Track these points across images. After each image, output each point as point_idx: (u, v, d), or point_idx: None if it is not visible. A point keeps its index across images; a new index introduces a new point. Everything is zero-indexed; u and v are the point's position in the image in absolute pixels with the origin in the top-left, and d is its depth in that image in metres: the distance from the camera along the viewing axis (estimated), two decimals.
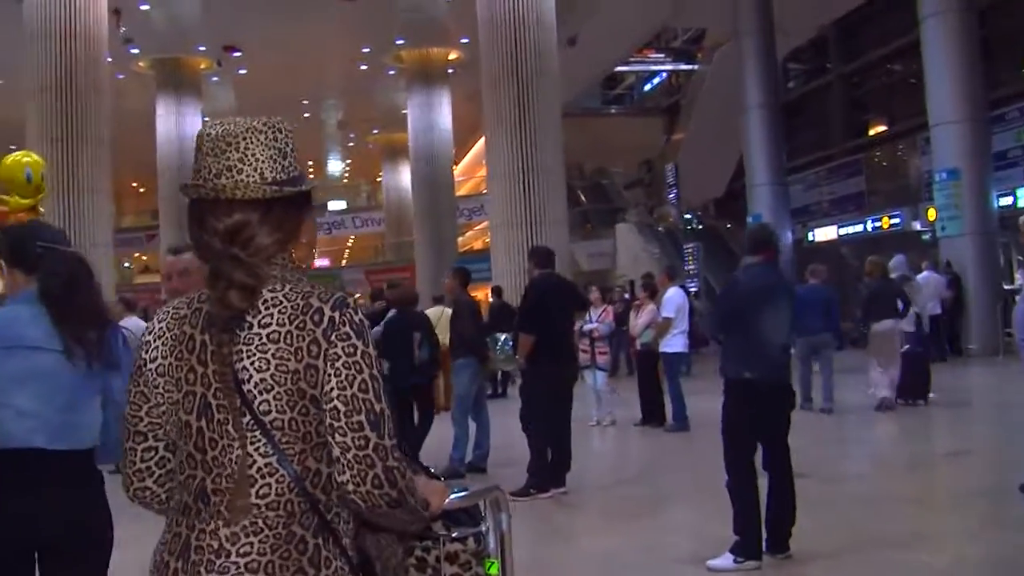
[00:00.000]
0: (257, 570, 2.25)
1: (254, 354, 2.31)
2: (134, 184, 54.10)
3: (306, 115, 43.91)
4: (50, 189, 22.16)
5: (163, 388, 2.42)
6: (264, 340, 2.31)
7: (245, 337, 2.33)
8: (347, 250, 60.12)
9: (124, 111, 37.35)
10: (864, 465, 11.94)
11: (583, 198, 46.69)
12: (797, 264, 26.81)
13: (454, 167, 42.95)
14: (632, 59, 45.10)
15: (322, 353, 2.30)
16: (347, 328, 2.32)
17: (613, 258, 39.12)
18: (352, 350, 2.31)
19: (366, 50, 34.87)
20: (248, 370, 2.31)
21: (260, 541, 2.27)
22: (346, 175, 62.44)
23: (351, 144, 52.40)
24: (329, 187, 63.23)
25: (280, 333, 2.32)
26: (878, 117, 38.76)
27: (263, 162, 2.42)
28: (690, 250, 35.84)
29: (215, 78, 36.86)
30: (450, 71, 36.10)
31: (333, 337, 2.31)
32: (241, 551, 2.27)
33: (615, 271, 37.72)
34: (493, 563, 3.05)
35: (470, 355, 12.30)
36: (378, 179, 52.61)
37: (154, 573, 2.39)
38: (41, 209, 19.90)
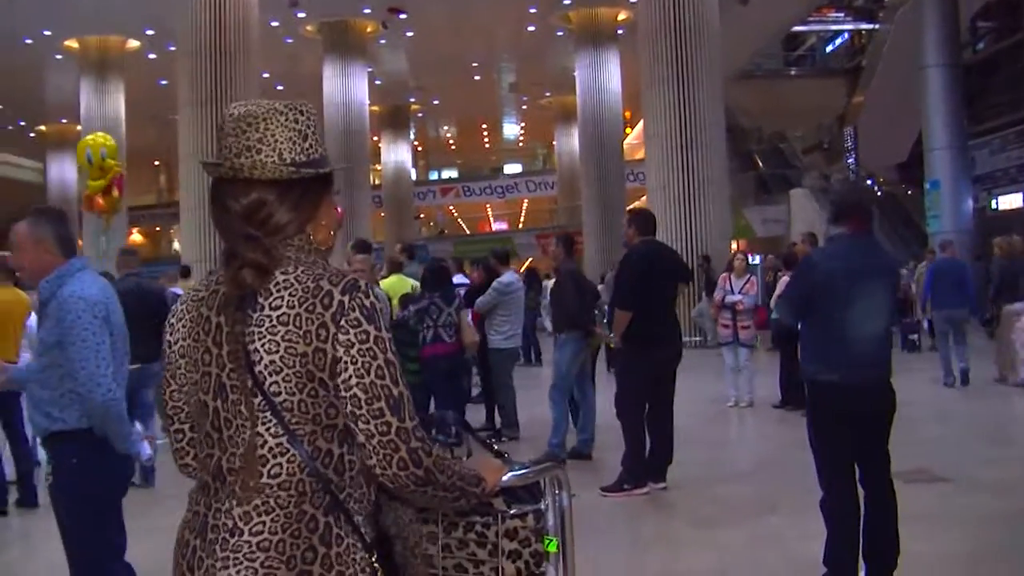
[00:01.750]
0: (268, 548, 2.30)
1: (264, 336, 2.34)
2: None
3: (476, 77, 43.61)
4: (198, 152, 22.80)
5: (184, 369, 2.50)
6: (275, 322, 2.35)
7: (257, 319, 2.36)
8: (523, 214, 59.82)
9: (294, 75, 37.74)
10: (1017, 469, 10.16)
11: (760, 162, 45.45)
12: (979, 234, 25.53)
13: (627, 130, 42.17)
14: (811, 18, 43.82)
15: (330, 337, 2.33)
16: (357, 313, 2.35)
17: (787, 224, 37.91)
18: (365, 336, 2.34)
19: (533, 10, 34.25)
20: (259, 351, 2.34)
21: (272, 520, 2.32)
22: (521, 138, 61.90)
23: (524, 107, 51.90)
24: (504, 150, 63.19)
25: (290, 316, 2.35)
26: None
27: (283, 143, 2.46)
28: None
29: (383, 40, 36.59)
30: (619, 32, 35.18)
31: (343, 322, 2.34)
32: (253, 530, 2.32)
33: (789, 238, 36.52)
34: (552, 540, 3.06)
35: (573, 329, 11.20)
36: (553, 143, 51.94)
37: (176, 549, 2.45)
38: (115, 192, 20.06)
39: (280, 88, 40.55)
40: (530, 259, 42.52)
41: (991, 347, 16.88)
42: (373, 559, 2.39)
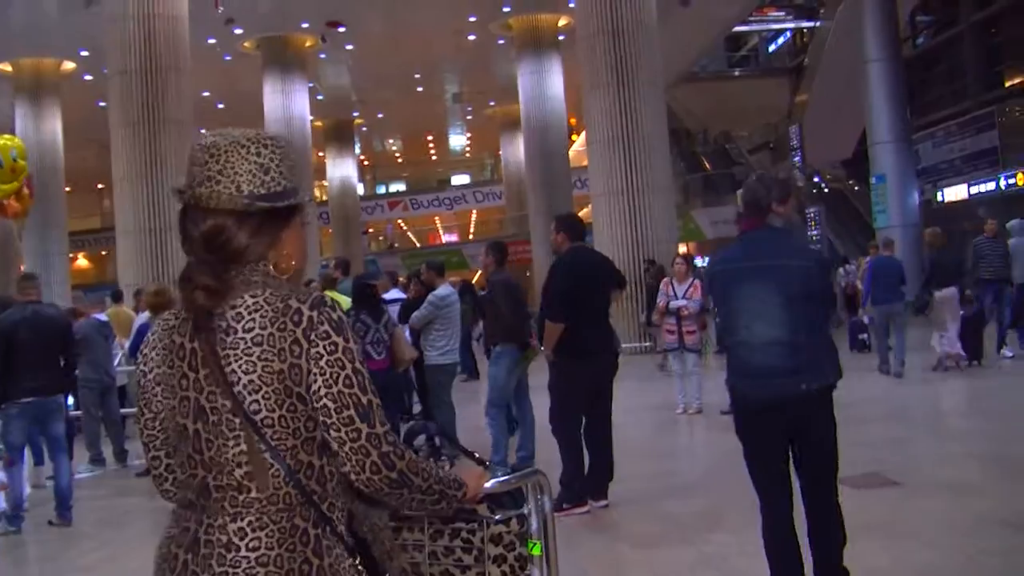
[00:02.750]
0: (267, 563, 2.39)
1: (240, 357, 2.42)
2: None
3: (420, 89, 43.30)
4: (132, 174, 22.42)
5: (161, 396, 2.58)
6: (249, 343, 2.42)
7: (231, 341, 2.43)
8: (472, 225, 59.66)
9: (234, 93, 37.35)
10: (966, 467, 9.76)
11: (707, 164, 45.46)
12: (926, 227, 25.48)
13: (574, 137, 42.00)
14: (752, 18, 43.93)
15: (303, 352, 2.42)
16: (326, 326, 2.44)
17: (736, 225, 37.84)
18: (333, 348, 2.43)
19: (473, 19, 34.02)
20: (236, 372, 2.42)
21: (267, 535, 2.41)
22: (467, 149, 61.62)
23: (469, 117, 51.56)
24: (451, 161, 62.99)
25: (263, 336, 2.43)
26: (1015, 67, 36.60)
27: (242, 175, 2.53)
28: (811, 214, 34.46)
29: (323, 55, 36.27)
30: (561, 38, 34.93)
31: (313, 336, 2.43)
32: (250, 546, 2.40)
33: None
34: (536, 544, 3.16)
35: (507, 341, 10.77)
36: (499, 152, 51.71)
37: (162, 564, 2.53)
38: (25, 192, 19.64)
39: (221, 106, 40.21)
40: (480, 271, 42.30)
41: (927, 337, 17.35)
42: (357, 563, 2.50)
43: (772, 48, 51.51)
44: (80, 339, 13.05)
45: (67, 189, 35.93)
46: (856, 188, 39.08)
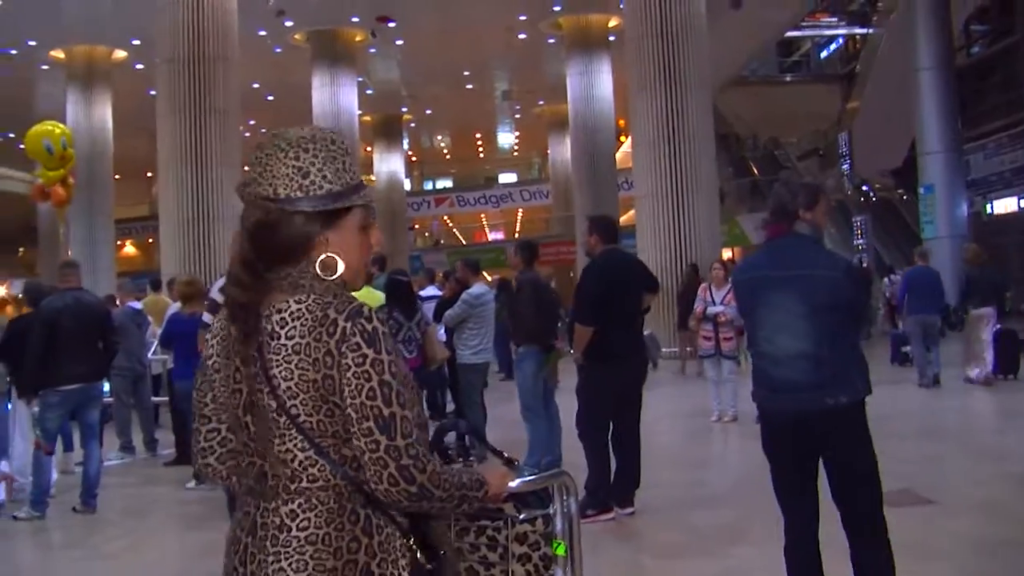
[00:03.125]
0: (316, 541, 2.50)
1: (281, 364, 2.51)
2: None
3: (469, 86, 43.09)
4: (176, 162, 22.52)
5: (219, 383, 2.70)
6: (289, 351, 2.52)
7: (275, 347, 2.53)
8: (518, 223, 59.58)
9: (284, 85, 37.40)
10: (1000, 487, 9.51)
11: (755, 169, 45.13)
12: (974, 239, 25.17)
13: (622, 139, 41.86)
14: (805, 24, 43.57)
15: (336, 364, 2.48)
16: (357, 338, 2.48)
17: None
18: (361, 360, 2.48)
19: (523, 18, 33.82)
20: (277, 377, 2.51)
21: (316, 515, 2.51)
22: (515, 147, 61.45)
23: (518, 116, 51.35)
24: (498, 159, 62.89)
25: (301, 344, 2.51)
26: None
27: (279, 179, 2.59)
28: (858, 223, 34.11)
29: (372, 49, 36.22)
30: (611, 38, 34.73)
31: (344, 348, 2.48)
32: (300, 525, 2.51)
33: None
34: (560, 544, 3.19)
35: (531, 342, 10.68)
36: (547, 151, 51.53)
37: (229, 548, 2.65)
38: (71, 180, 19.70)
39: (271, 98, 40.27)
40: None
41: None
42: (411, 542, 2.58)
43: (824, 54, 51.01)
44: (116, 327, 13.13)
45: (116, 177, 36.12)
46: (904, 198, 38.67)
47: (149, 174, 54.20)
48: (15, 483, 10.88)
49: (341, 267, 2.63)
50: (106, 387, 13.29)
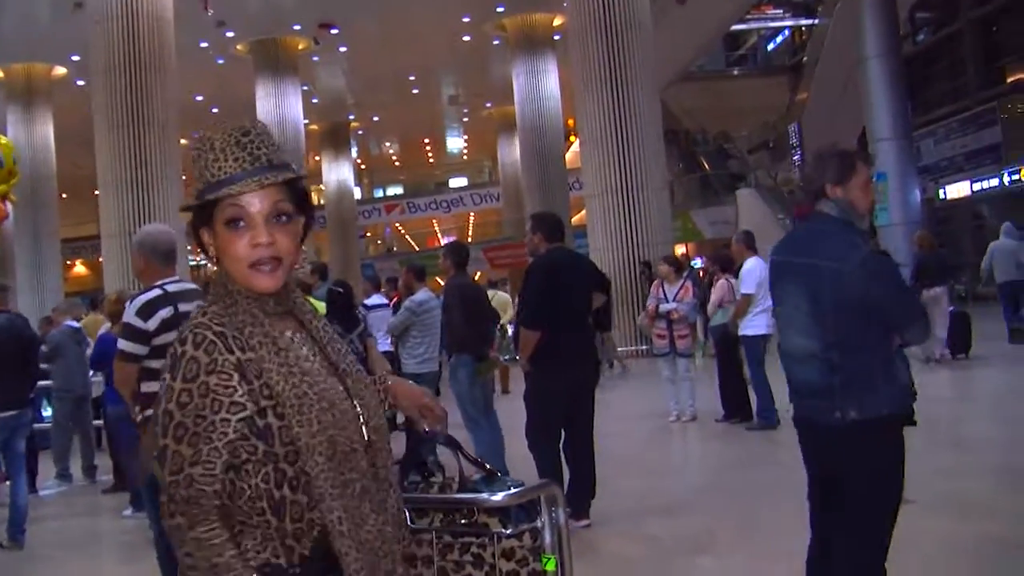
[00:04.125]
0: None
1: None
2: None
3: (415, 91, 42.86)
4: (116, 177, 21.98)
5: None
6: None
7: None
8: (470, 227, 59.32)
9: (227, 96, 36.97)
10: (985, 479, 9.09)
11: (705, 164, 45.04)
12: (928, 225, 25.08)
13: (572, 138, 41.63)
14: (750, 16, 43.58)
15: None
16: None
17: (736, 226, 37.40)
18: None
19: (466, 19, 33.61)
20: None
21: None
22: (465, 151, 61.18)
23: (466, 120, 51.22)
24: (449, 164, 62.67)
25: None
26: (1017, 63, 36.13)
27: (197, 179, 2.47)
28: None
29: (316, 57, 35.85)
30: (556, 37, 34.47)
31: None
32: None
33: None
34: (550, 559, 3.04)
35: (462, 351, 10.25)
36: (497, 154, 51.30)
37: None
38: (13, 197, 19.21)
39: (215, 110, 39.79)
40: (479, 273, 41.89)
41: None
42: None
43: (771, 47, 51.14)
44: (53, 347, 12.63)
45: (63, 196, 35.61)
46: None
47: (96, 192, 53.79)
48: None
49: (211, 267, 2.51)
50: (47, 412, 12.79)
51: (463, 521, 3.08)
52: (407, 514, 2.64)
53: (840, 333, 4.39)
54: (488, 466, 3.12)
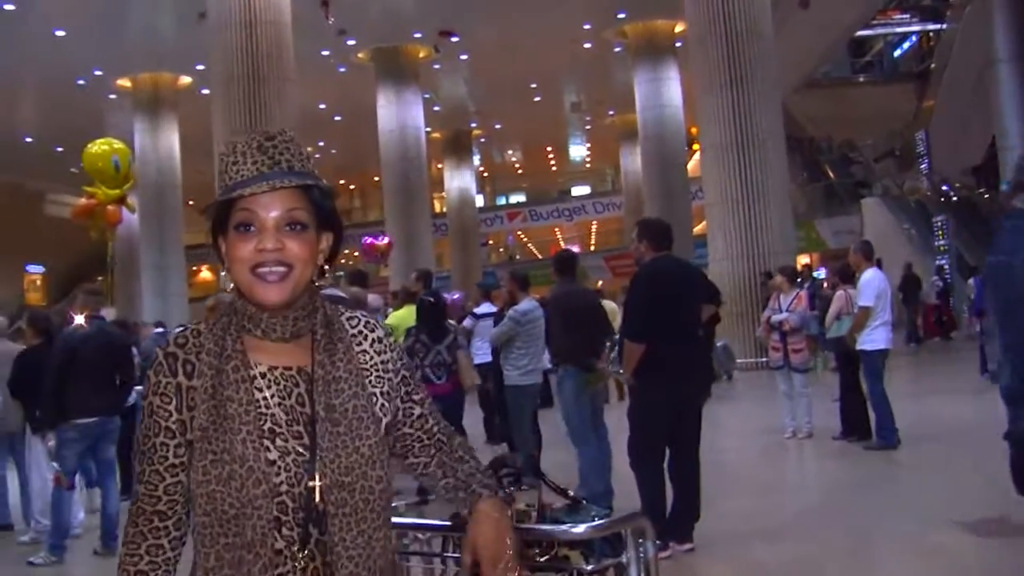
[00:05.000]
0: None
1: None
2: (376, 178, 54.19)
3: (537, 99, 42.72)
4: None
5: None
6: None
7: None
8: (592, 235, 59.15)
9: (350, 104, 37.25)
10: None
11: (830, 172, 44.28)
12: None
13: (695, 147, 41.24)
14: (876, 21, 42.73)
15: None
16: None
17: (861, 235, 36.69)
18: None
19: (587, 27, 33.41)
20: None
21: None
22: (587, 159, 60.92)
23: (588, 127, 50.96)
24: (571, 172, 62.51)
25: None
26: None
27: None
28: (939, 223, 33.14)
29: (437, 65, 35.92)
30: (678, 44, 34.09)
31: None
32: None
33: None
34: None
35: (565, 362, 9.82)
36: (620, 162, 50.95)
37: None
38: (131, 204, 19.31)
39: (338, 119, 40.20)
40: (600, 281, 41.70)
41: None
42: None
43: (897, 53, 50.15)
44: (144, 355, 12.74)
45: (189, 203, 36.22)
46: (986, 196, 37.63)
47: None
48: (37, 525, 10.45)
49: (227, 278, 2.35)
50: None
51: (541, 558, 2.88)
52: None
53: (1016, 333, 3.75)
54: (572, 494, 2.95)
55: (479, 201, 51.96)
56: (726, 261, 22.98)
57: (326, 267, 2.35)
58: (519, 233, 59.84)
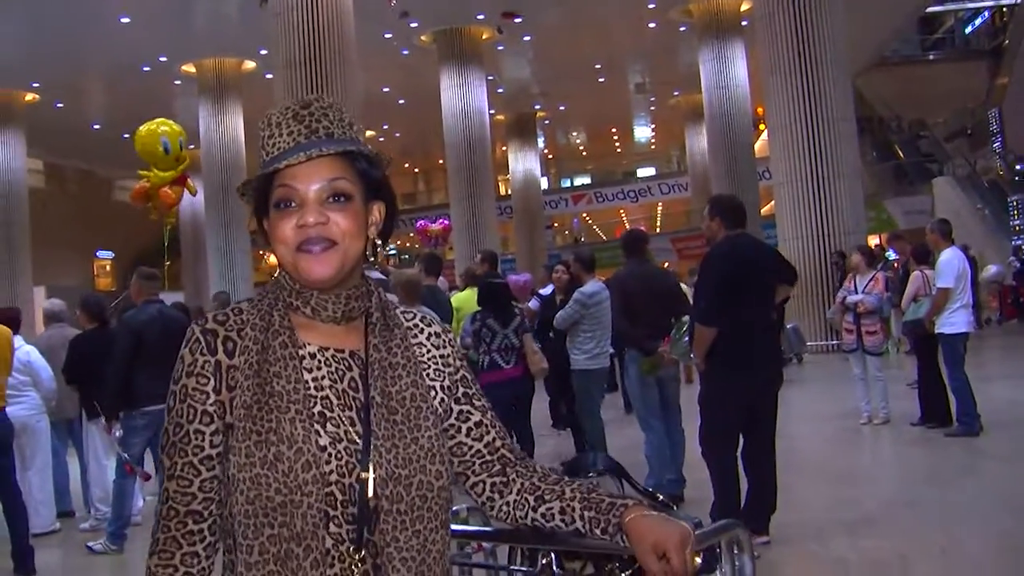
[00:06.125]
0: None
1: None
2: (441, 161, 54.14)
3: (601, 80, 42.34)
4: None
5: None
6: None
7: None
8: (658, 217, 58.74)
9: (413, 86, 37.17)
10: None
11: (900, 152, 43.65)
12: None
13: (761, 127, 40.76)
14: None
15: None
16: None
17: (931, 215, 36.13)
18: None
19: (652, 6, 32.99)
20: None
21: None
22: (653, 140, 60.50)
23: (653, 108, 50.47)
24: (636, 153, 62.14)
25: None
26: None
27: None
28: (1014, 203, 32.53)
29: (500, 47, 35.68)
30: (744, 23, 33.60)
31: None
32: None
33: None
34: None
35: (629, 346, 9.60)
36: (685, 143, 50.51)
37: None
38: (192, 187, 19.12)
39: (401, 102, 40.10)
40: (667, 263, 41.37)
41: None
42: None
43: (969, 29, 49.29)
44: None
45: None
46: None
47: None
48: (97, 512, 10.36)
49: (274, 259, 2.14)
50: None
51: (623, 572, 2.67)
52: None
53: None
54: (661, 497, 2.79)
55: (544, 183, 51.65)
56: (795, 241, 22.65)
57: (378, 242, 2.15)
58: (584, 215, 59.57)
